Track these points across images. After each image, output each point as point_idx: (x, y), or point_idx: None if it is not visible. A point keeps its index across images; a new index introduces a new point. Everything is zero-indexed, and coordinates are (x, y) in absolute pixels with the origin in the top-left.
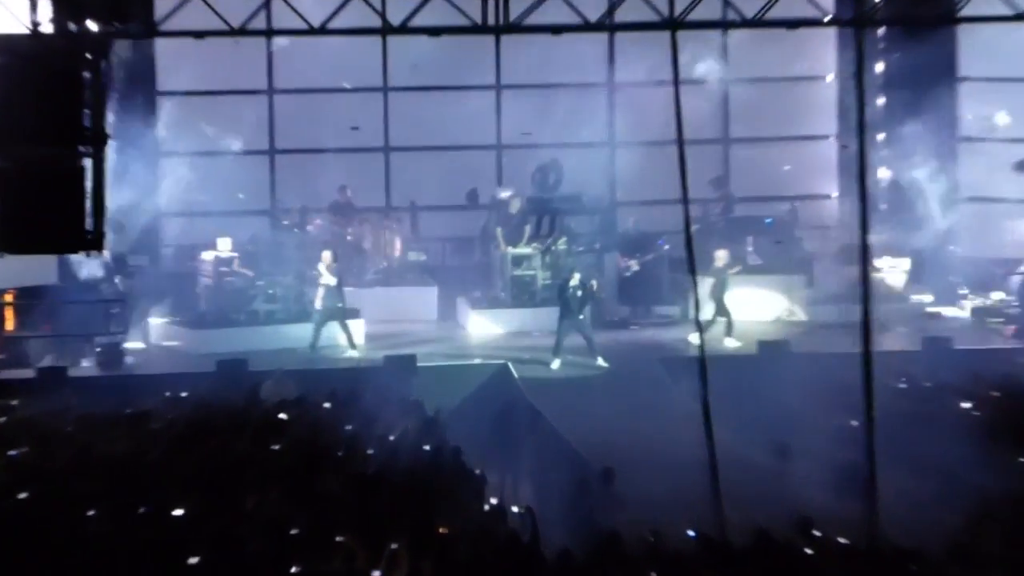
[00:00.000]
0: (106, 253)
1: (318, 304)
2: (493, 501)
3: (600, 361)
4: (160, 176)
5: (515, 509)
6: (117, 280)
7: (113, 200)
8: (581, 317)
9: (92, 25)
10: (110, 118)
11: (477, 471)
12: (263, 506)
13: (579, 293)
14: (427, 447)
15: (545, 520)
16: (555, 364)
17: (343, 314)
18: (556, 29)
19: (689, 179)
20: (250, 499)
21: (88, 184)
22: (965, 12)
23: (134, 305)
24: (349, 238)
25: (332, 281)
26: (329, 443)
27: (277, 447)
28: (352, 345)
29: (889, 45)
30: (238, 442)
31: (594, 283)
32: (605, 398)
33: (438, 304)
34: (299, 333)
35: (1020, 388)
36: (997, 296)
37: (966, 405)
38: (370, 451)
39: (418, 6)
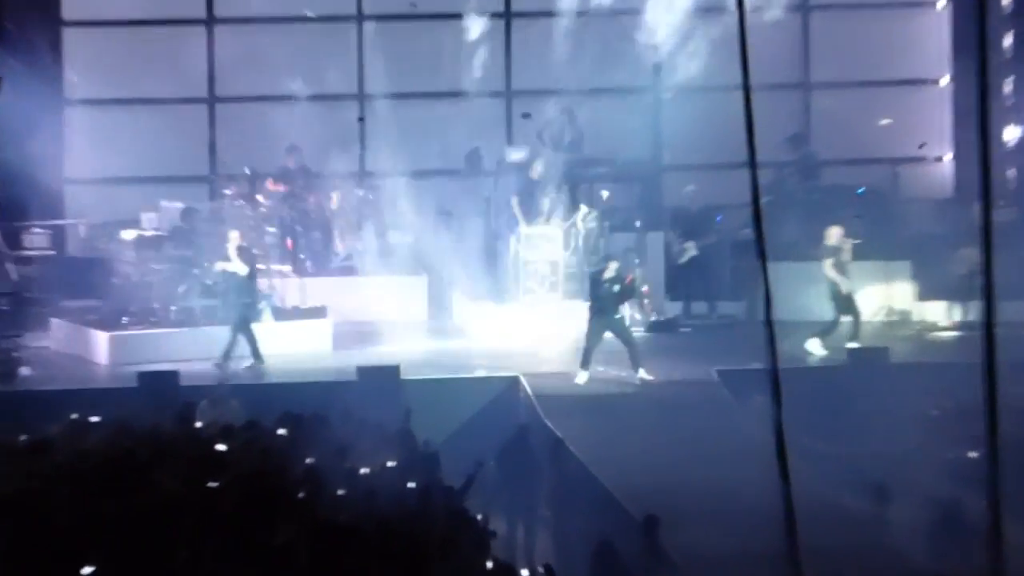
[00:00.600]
0: None
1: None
2: (499, 558)
3: (643, 374)
4: (67, 130)
5: (525, 573)
6: (9, 267)
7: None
8: (618, 317)
9: None
10: (3, 55)
11: (479, 517)
12: (197, 562)
13: (615, 288)
14: (413, 486)
15: None
16: (582, 378)
17: (249, 315)
18: None
19: (758, 136)
20: (181, 553)
21: None
22: None
23: (32, 300)
24: (313, 214)
25: (243, 270)
26: (285, 482)
27: (216, 486)
28: (256, 356)
29: None
30: (166, 480)
31: (635, 274)
32: (648, 423)
33: (429, 299)
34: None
35: None
36: None
37: None
38: (339, 492)
39: None
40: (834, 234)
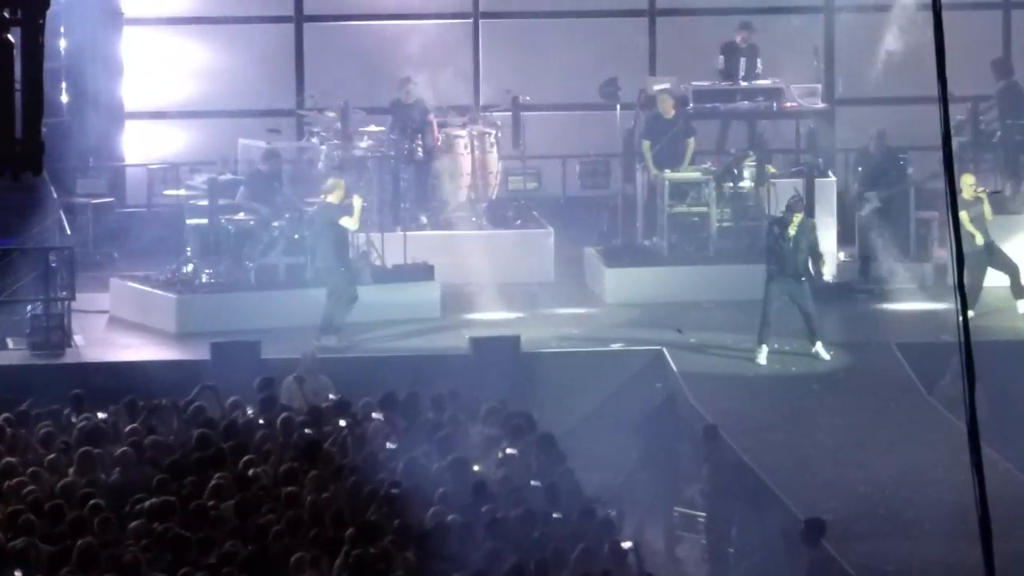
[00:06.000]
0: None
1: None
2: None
3: (820, 350)
4: (126, 54)
5: None
6: (60, 217)
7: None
8: (803, 282)
9: None
10: None
11: (612, 514)
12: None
13: (801, 244)
14: (536, 483)
15: None
16: (761, 356)
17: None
18: None
19: (951, 64)
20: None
21: (17, 68)
22: None
23: (85, 256)
24: (419, 155)
25: (353, 226)
26: (380, 477)
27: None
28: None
29: None
30: (243, 472)
31: (822, 257)
32: (818, 409)
33: (555, 257)
34: None
35: None
36: None
37: None
38: (441, 489)
39: None
40: (967, 184)
